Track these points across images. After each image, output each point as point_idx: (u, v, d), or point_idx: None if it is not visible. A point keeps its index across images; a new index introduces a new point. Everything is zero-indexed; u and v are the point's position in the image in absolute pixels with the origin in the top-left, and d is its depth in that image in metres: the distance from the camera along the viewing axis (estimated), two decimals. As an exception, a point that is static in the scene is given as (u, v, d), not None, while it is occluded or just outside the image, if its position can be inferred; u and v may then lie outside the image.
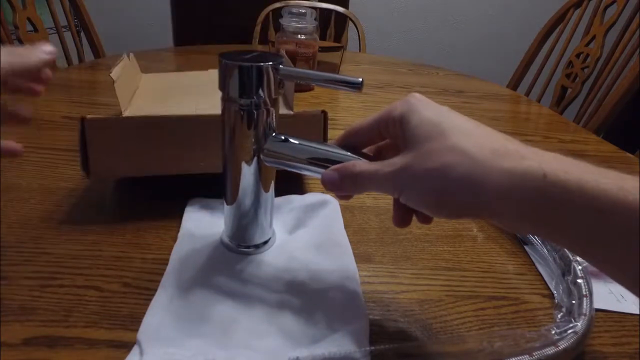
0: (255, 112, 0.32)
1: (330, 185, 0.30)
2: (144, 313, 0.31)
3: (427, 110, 0.27)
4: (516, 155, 0.24)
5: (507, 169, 0.24)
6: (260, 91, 0.31)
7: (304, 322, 0.31)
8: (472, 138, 0.25)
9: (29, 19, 1.09)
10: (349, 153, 0.31)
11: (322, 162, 0.31)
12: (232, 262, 0.37)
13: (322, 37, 1.63)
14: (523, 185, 0.23)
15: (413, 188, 0.26)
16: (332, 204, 0.45)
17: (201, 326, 0.30)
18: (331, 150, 0.31)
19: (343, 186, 0.29)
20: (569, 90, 1.16)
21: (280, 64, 0.32)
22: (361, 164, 0.29)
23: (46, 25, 1.16)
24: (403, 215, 0.30)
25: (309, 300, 0.33)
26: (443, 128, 0.26)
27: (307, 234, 0.41)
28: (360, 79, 0.30)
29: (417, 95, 0.29)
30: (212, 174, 0.40)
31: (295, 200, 0.45)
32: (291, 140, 0.33)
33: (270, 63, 0.31)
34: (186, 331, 0.30)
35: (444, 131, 0.26)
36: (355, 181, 0.29)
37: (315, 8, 1.47)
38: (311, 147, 0.32)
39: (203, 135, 0.42)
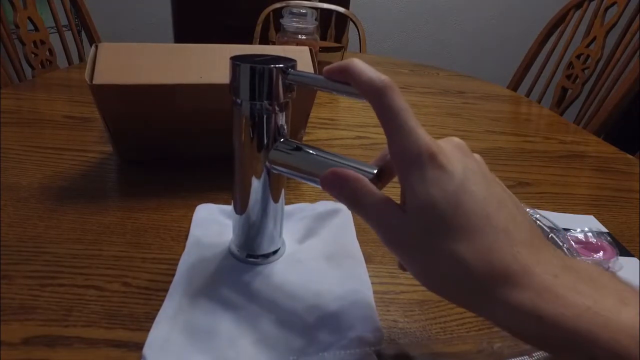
0: (264, 116, 0.31)
1: (328, 190, 0.27)
2: (144, 313, 0.32)
3: (435, 183, 0.23)
4: (512, 281, 0.22)
5: (501, 300, 0.22)
6: (268, 95, 0.31)
7: (313, 339, 0.30)
8: (476, 244, 0.22)
9: (29, 19, 1.09)
10: (358, 165, 0.29)
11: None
12: (240, 273, 0.36)
13: (323, 38, 1.63)
14: (517, 324, 0.22)
15: (412, 269, 0.25)
16: (344, 213, 0.43)
17: (209, 341, 0.30)
18: (340, 161, 0.29)
19: (340, 198, 0.26)
20: (570, 91, 1.16)
21: (291, 67, 0.31)
22: (372, 194, 0.25)
23: (47, 24, 1.16)
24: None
25: (319, 315, 0.32)
26: (447, 224, 0.23)
27: (317, 244, 0.40)
28: None
29: (429, 151, 0.24)
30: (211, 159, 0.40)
31: (306, 208, 0.45)
32: (302, 148, 0.31)
33: (280, 65, 0.30)
34: (193, 346, 0.29)
35: (448, 230, 0.23)
36: (355, 205, 0.26)
37: (316, 8, 1.47)
38: (319, 156, 0.30)
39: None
